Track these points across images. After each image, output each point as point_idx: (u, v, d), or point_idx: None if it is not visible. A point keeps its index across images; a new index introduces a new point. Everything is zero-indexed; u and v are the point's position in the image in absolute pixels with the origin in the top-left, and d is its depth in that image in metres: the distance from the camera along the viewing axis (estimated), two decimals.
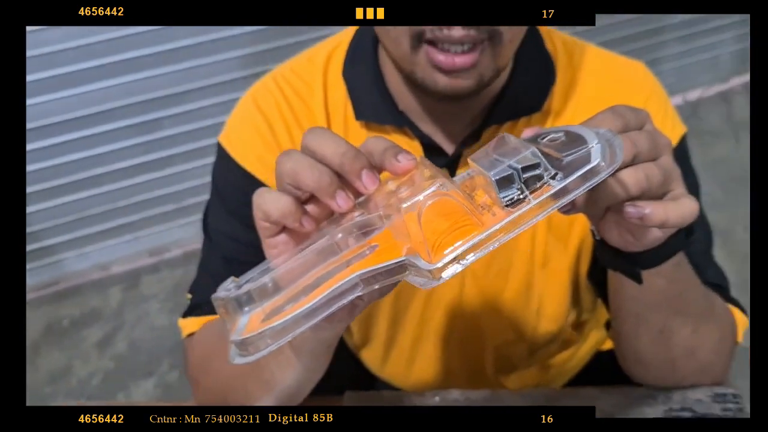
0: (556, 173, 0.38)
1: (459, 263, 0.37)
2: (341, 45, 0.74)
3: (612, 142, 0.40)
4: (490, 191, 0.39)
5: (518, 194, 0.38)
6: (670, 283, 0.57)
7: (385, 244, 0.41)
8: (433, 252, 0.38)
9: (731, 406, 0.66)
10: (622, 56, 0.76)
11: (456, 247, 0.37)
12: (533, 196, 0.38)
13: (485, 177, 0.38)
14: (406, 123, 0.69)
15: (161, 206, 2.14)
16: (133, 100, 1.93)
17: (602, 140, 0.39)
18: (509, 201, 0.38)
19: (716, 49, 2.84)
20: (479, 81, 0.60)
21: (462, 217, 0.39)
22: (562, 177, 0.38)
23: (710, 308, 0.66)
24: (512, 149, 0.39)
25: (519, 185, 0.38)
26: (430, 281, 0.38)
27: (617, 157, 0.38)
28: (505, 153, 0.39)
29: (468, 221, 0.39)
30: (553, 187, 0.37)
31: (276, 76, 0.75)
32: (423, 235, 0.39)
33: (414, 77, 0.61)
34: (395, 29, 0.59)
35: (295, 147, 0.68)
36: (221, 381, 0.66)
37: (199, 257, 0.79)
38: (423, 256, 0.38)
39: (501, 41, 0.58)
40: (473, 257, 0.37)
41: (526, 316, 0.77)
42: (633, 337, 0.66)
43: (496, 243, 0.38)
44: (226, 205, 0.74)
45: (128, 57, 1.87)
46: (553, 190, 0.37)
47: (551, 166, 0.38)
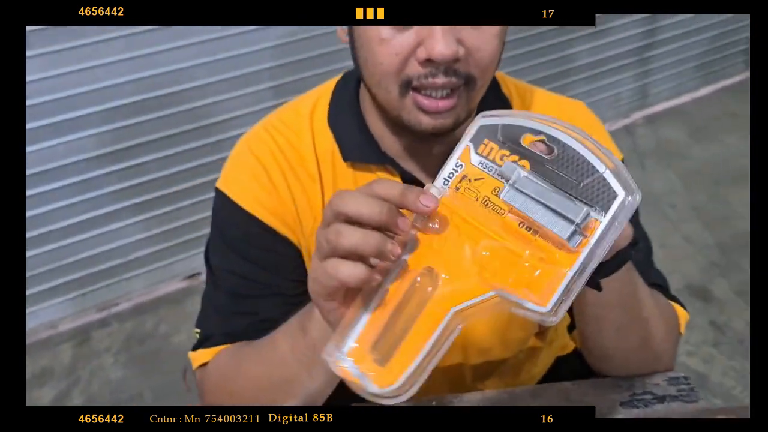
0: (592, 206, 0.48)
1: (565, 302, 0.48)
2: (323, 97, 0.84)
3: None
4: (554, 240, 0.49)
5: (581, 239, 0.48)
6: (622, 286, 0.69)
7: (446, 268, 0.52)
8: (532, 290, 0.48)
9: (684, 387, 0.78)
10: (564, 96, 0.89)
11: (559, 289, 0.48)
12: (588, 232, 0.48)
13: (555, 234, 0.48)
14: (388, 161, 0.79)
15: (108, 261, 2.15)
16: (74, 158, 1.96)
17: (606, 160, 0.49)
18: (576, 242, 0.48)
19: (617, 87, 3.11)
20: (456, 120, 0.70)
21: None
22: (599, 209, 0.48)
23: (656, 305, 0.78)
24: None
25: (580, 231, 0.48)
26: (546, 319, 0.48)
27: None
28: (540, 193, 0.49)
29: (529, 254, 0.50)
30: (601, 222, 0.48)
31: (266, 126, 0.84)
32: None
33: (401, 119, 0.71)
34: (386, 78, 0.68)
35: (288, 187, 0.79)
36: (246, 399, 0.73)
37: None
38: (520, 294, 0.49)
39: (474, 86, 0.69)
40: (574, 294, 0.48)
41: (502, 322, 0.87)
42: (596, 335, 0.77)
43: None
44: (228, 245, 0.81)
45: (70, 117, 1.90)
46: (603, 224, 0.48)
47: (577, 198, 0.48)
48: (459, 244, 0.52)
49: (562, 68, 2.85)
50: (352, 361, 0.52)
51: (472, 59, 0.66)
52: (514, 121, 0.52)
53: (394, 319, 0.52)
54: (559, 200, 0.48)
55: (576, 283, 0.48)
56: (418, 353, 0.50)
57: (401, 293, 0.52)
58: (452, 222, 0.52)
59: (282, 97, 2.18)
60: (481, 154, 0.53)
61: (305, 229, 0.80)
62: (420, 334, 0.51)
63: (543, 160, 0.50)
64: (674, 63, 3.26)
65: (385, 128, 0.78)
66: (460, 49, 0.64)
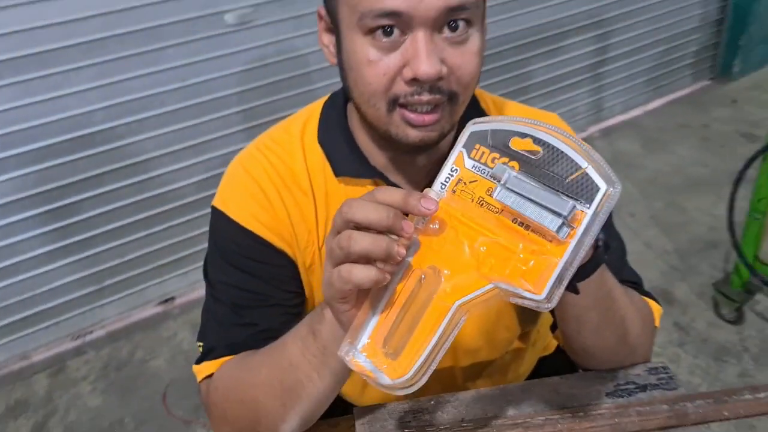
0: (578, 200, 0.53)
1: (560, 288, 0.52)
2: (312, 116, 0.88)
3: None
4: (545, 233, 0.53)
5: (569, 230, 0.52)
6: (598, 288, 0.74)
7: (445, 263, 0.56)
8: (527, 280, 0.53)
9: (663, 376, 0.83)
10: (538, 108, 0.95)
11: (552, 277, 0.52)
12: (575, 224, 0.52)
13: (545, 227, 0.53)
14: (377, 175, 0.83)
15: (80, 289, 2.14)
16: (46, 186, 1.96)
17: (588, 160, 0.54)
18: (565, 234, 0.52)
19: (573, 102, 3.23)
20: (441, 133, 0.75)
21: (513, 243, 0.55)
22: (584, 202, 0.53)
23: (631, 302, 0.84)
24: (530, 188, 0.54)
25: (568, 223, 0.52)
26: (542, 306, 0.53)
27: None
28: (529, 192, 0.54)
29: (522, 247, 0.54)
30: (587, 213, 0.52)
31: (258, 146, 0.87)
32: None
33: (389, 134, 0.75)
34: (374, 96, 0.73)
35: (283, 203, 0.83)
36: (257, 405, 0.76)
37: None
38: (516, 284, 0.53)
39: (457, 102, 0.74)
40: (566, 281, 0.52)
41: (489, 325, 0.91)
42: (576, 334, 0.82)
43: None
44: (226, 259, 0.84)
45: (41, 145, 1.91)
46: (588, 215, 0.52)
47: (564, 192, 0.53)
48: (458, 242, 0.56)
49: (520, 85, 2.95)
50: (365, 356, 0.56)
51: (454, 77, 0.70)
52: (502, 126, 0.57)
53: (403, 316, 0.56)
54: (547, 196, 0.52)
55: (567, 271, 0.52)
56: (426, 345, 0.55)
57: (408, 292, 0.57)
58: (450, 223, 0.57)
59: (251, 120, 2.22)
60: (474, 158, 0.57)
61: (300, 242, 0.84)
62: (427, 328, 0.55)
63: (531, 160, 0.55)
64: (625, 78, 3.40)
65: (372, 144, 0.82)
66: (443, 68, 0.68)
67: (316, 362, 0.69)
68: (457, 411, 0.80)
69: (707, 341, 2.04)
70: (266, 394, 0.75)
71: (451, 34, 0.68)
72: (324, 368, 0.70)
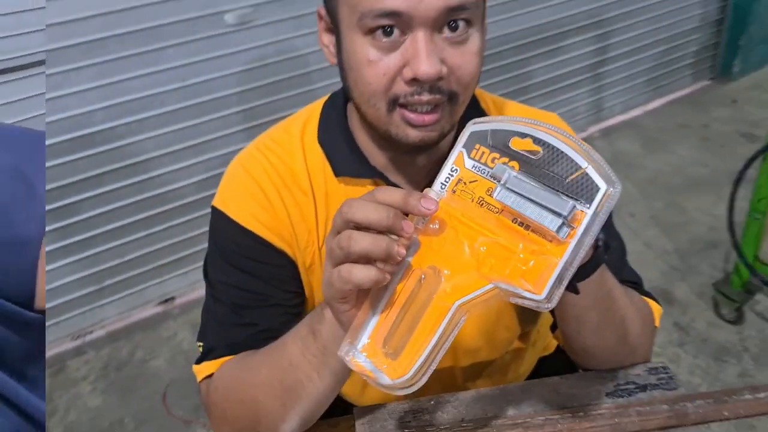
0: (578, 200, 0.53)
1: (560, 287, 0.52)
2: (312, 117, 0.88)
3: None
4: (545, 233, 0.53)
5: (569, 230, 0.52)
6: (598, 288, 0.74)
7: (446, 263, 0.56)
8: (527, 280, 0.53)
9: (663, 375, 0.84)
10: (538, 108, 0.95)
11: (552, 277, 0.52)
12: (575, 224, 0.52)
13: (545, 227, 0.53)
14: (377, 175, 0.83)
15: (80, 289, 2.14)
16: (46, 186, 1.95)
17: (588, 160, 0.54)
18: (565, 234, 0.52)
19: (573, 102, 3.23)
20: (441, 132, 0.75)
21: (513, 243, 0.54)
22: (584, 202, 0.53)
23: (631, 302, 0.84)
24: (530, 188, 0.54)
25: (568, 223, 0.52)
26: (542, 306, 0.53)
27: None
28: (530, 192, 0.53)
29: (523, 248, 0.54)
30: (587, 213, 0.52)
31: (258, 145, 0.87)
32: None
33: (389, 134, 0.75)
34: (374, 96, 0.73)
35: (283, 203, 0.82)
36: (257, 405, 0.76)
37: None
38: (516, 284, 0.53)
39: (457, 102, 0.74)
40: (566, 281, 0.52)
41: (489, 325, 0.91)
42: (576, 334, 0.82)
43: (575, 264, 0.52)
44: (227, 259, 0.84)
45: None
46: (589, 215, 0.52)
47: (564, 192, 0.53)
48: (458, 242, 0.56)
49: (520, 85, 2.95)
50: (365, 356, 0.56)
51: (454, 77, 0.70)
52: (502, 126, 0.57)
53: (403, 316, 0.56)
54: (547, 196, 0.52)
55: (567, 271, 0.52)
56: (426, 345, 0.55)
57: (407, 292, 0.57)
58: (450, 223, 0.57)
59: (251, 120, 2.22)
60: (474, 158, 0.57)
61: (300, 242, 0.84)
62: (427, 328, 0.55)
63: (531, 160, 0.55)
64: (625, 78, 3.40)
65: (372, 144, 0.82)
66: (443, 68, 0.68)
67: (316, 362, 0.69)
68: (457, 411, 0.80)
69: (707, 341, 2.04)
70: (266, 394, 0.75)
71: (451, 34, 0.68)
72: (324, 368, 0.70)
